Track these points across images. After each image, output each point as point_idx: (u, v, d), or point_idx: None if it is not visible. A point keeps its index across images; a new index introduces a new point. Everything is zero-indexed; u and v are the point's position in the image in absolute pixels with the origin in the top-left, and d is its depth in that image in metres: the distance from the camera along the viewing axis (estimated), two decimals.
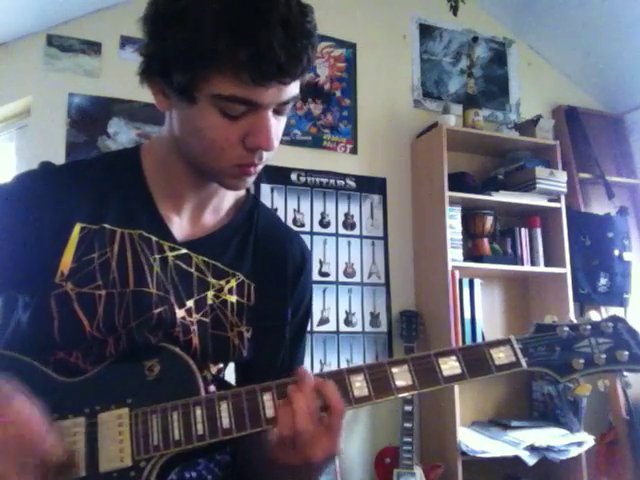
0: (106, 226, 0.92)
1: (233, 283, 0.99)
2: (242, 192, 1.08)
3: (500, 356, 0.88)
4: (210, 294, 0.96)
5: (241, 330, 0.97)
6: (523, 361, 0.88)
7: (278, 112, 0.87)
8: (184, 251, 0.96)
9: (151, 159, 0.99)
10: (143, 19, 0.84)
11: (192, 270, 0.96)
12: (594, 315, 0.93)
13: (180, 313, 0.93)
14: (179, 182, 0.97)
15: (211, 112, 0.83)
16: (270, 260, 1.03)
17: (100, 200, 0.94)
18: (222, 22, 0.77)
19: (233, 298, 0.98)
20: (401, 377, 0.85)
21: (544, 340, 0.90)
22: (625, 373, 0.90)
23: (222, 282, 0.98)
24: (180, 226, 0.98)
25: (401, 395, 0.85)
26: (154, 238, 0.95)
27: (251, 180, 0.94)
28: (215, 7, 0.77)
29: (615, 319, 0.92)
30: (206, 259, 0.97)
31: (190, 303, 0.94)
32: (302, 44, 0.80)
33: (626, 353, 0.89)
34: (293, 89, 0.85)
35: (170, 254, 0.95)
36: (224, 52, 0.77)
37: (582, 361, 0.88)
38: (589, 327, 0.91)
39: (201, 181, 0.96)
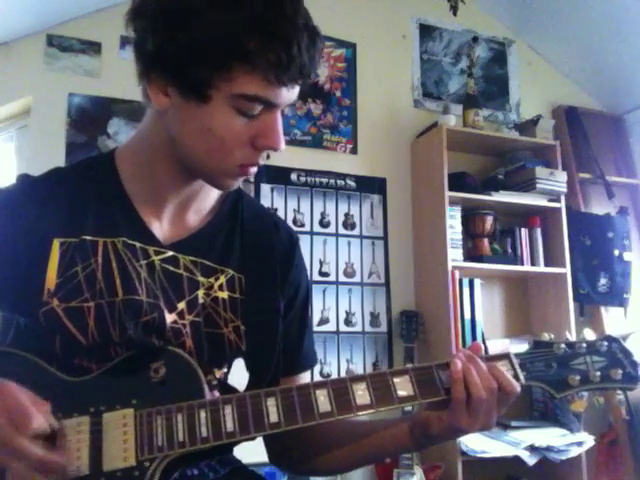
0: (86, 237, 0.92)
1: (223, 279, 0.98)
2: None
3: None
4: (201, 293, 0.96)
5: (237, 325, 0.97)
6: (521, 375, 0.91)
7: (281, 112, 0.88)
8: (170, 253, 0.96)
9: (128, 162, 0.98)
10: (148, 13, 0.83)
11: (181, 271, 0.96)
12: (589, 334, 0.96)
13: (171, 317, 0.93)
14: (160, 184, 0.95)
15: (226, 111, 0.83)
16: (258, 251, 1.03)
17: (77, 211, 0.93)
18: (253, 23, 0.78)
19: (224, 294, 0.98)
20: (402, 387, 0.87)
21: (541, 356, 0.93)
22: (619, 391, 0.93)
23: (211, 280, 0.97)
24: (163, 229, 0.98)
25: (402, 405, 0.87)
26: (138, 244, 0.94)
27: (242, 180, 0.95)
28: (245, 7, 0.78)
29: (610, 339, 0.95)
30: (193, 258, 0.97)
31: (182, 305, 0.94)
32: (318, 47, 0.84)
33: (620, 372, 0.91)
34: (298, 90, 0.87)
35: (156, 258, 0.95)
36: (255, 52, 0.79)
37: (578, 378, 0.91)
38: (584, 345, 0.93)
39: (184, 181, 0.96)
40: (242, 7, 0.78)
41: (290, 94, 0.85)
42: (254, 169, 0.90)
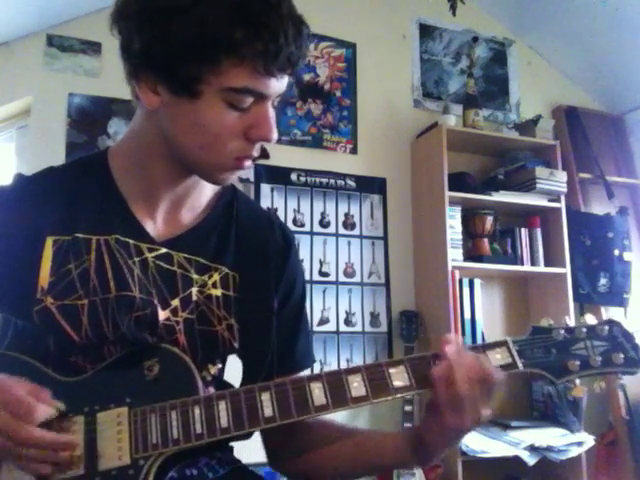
0: (79, 235, 0.92)
1: (216, 277, 0.98)
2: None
3: (497, 357, 0.89)
4: (194, 290, 0.96)
5: (230, 323, 0.97)
6: (519, 362, 0.89)
7: (272, 103, 0.88)
8: (164, 250, 0.96)
9: (121, 161, 0.98)
10: (133, 14, 0.82)
11: (175, 268, 0.96)
12: (590, 318, 0.94)
13: (164, 314, 0.93)
14: (153, 182, 0.96)
15: (218, 105, 0.83)
16: (252, 250, 1.03)
17: (70, 209, 0.94)
18: (238, 14, 0.78)
19: (218, 292, 0.97)
20: (398, 377, 0.86)
21: (540, 342, 0.91)
22: (620, 376, 0.91)
23: (205, 277, 0.97)
24: (157, 226, 0.98)
25: (398, 395, 0.86)
26: (131, 241, 0.94)
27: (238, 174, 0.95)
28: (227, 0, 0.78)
29: (611, 322, 0.93)
30: (187, 256, 0.97)
31: (176, 302, 0.94)
32: (305, 36, 0.84)
33: (621, 356, 0.89)
34: (287, 80, 0.88)
35: (149, 255, 0.95)
36: (242, 43, 0.78)
37: (578, 363, 0.89)
38: (585, 330, 0.91)
39: (177, 179, 0.96)
40: (225, 0, 0.78)
41: (279, 84, 0.85)
42: (249, 162, 0.90)
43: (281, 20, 0.79)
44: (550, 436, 2.72)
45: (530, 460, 2.59)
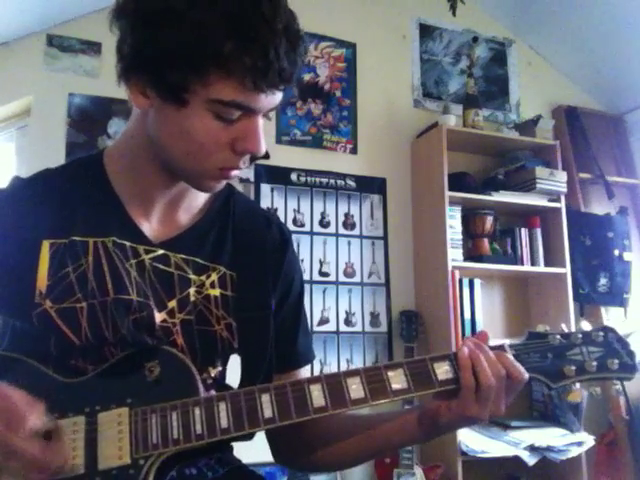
0: (76, 238, 0.92)
1: (214, 277, 0.98)
2: None
3: None
4: (192, 291, 0.96)
5: (229, 322, 0.97)
6: None
7: (264, 116, 0.87)
8: (161, 252, 0.96)
9: (116, 162, 0.98)
10: (129, 13, 0.82)
11: (172, 269, 0.95)
12: (585, 325, 0.96)
13: (160, 317, 0.93)
14: (148, 183, 0.95)
15: (204, 115, 0.82)
16: (249, 248, 1.02)
17: (65, 212, 0.93)
18: (230, 26, 0.76)
19: (216, 292, 0.97)
20: (396, 380, 0.87)
21: (536, 347, 0.93)
22: (615, 381, 0.93)
23: (203, 277, 0.97)
24: (153, 227, 0.97)
25: (397, 398, 0.87)
26: (128, 243, 0.94)
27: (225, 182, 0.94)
28: (222, 10, 0.77)
29: (606, 329, 0.94)
30: (185, 256, 0.97)
31: (172, 304, 0.94)
32: (299, 51, 0.82)
33: (616, 361, 0.91)
34: (281, 95, 0.86)
35: (146, 257, 0.94)
36: (230, 57, 0.77)
37: (574, 368, 0.90)
38: (580, 336, 0.93)
39: (172, 180, 0.95)
40: (218, 10, 0.76)
41: (270, 99, 0.83)
42: (235, 172, 0.90)
43: (273, 35, 0.77)
44: (550, 436, 2.72)
45: (530, 460, 2.59)
